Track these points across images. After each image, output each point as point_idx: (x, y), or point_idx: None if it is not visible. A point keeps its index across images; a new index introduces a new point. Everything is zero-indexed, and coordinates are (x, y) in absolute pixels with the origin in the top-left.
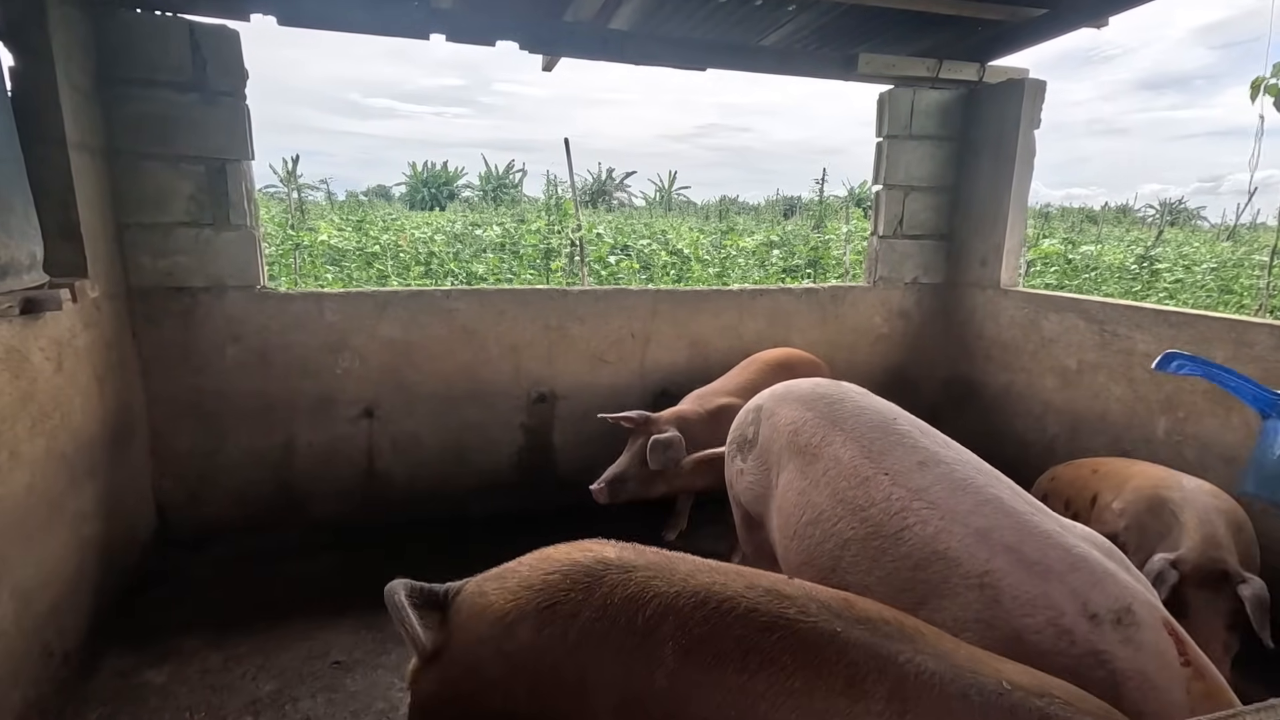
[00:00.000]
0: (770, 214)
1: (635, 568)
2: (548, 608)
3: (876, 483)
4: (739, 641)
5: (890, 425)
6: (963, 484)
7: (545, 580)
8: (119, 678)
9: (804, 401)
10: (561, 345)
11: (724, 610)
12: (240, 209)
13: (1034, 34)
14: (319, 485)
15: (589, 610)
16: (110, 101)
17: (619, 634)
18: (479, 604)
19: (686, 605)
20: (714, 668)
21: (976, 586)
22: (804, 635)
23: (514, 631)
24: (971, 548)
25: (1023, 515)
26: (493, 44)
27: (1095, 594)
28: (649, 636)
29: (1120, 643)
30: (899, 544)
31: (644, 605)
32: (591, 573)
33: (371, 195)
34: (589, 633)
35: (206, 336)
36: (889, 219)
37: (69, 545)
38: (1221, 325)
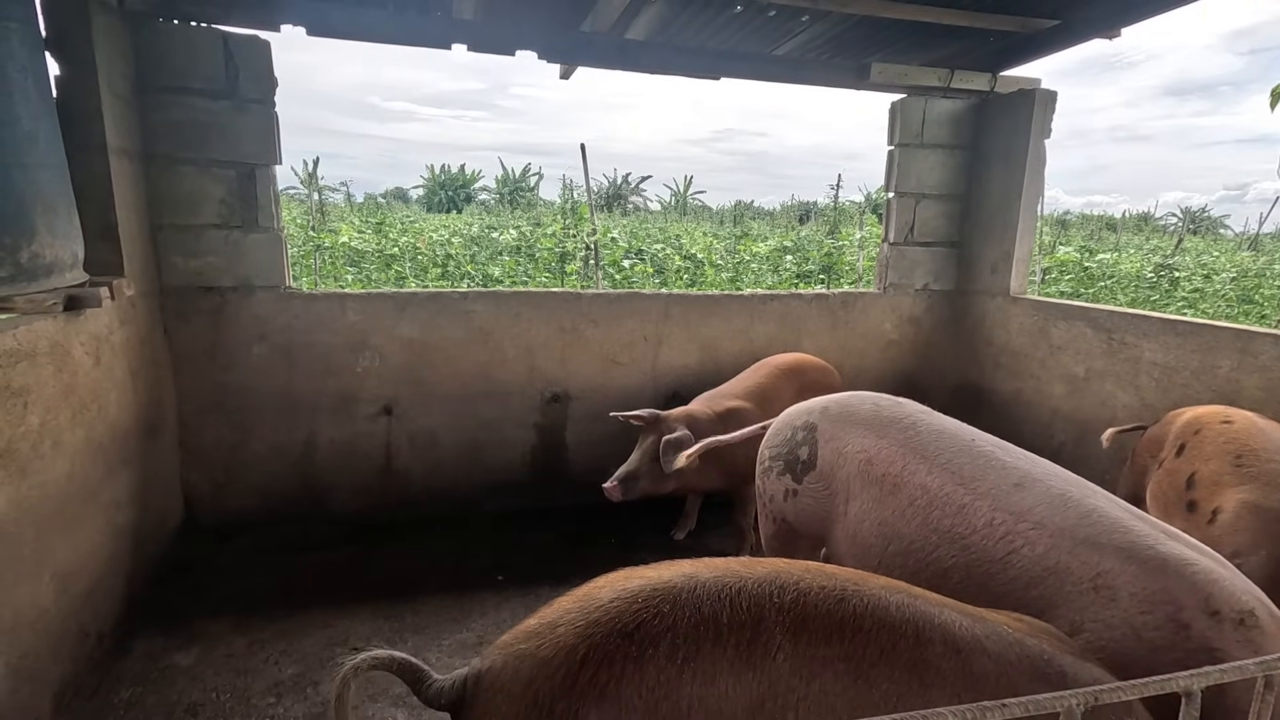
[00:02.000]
0: (785, 219)
1: (698, 575)
2: (635, 628)
3: (975, 509)
4: (831, 611)
5: (973, 447)
6: (1062, 499)
7: (610, 611)
8: (149, 659)
9: (873, 428)
10: (575, 347)
11: (804, 590)
12: (268, 212)
13: (1046, 45)
14: (339, 480)
15: (684, 619)
16: (147, 108)
17: (725, 629)
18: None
19: (774, 590)
20: (821, 640)
21: (1091, 590)
22: (873, 602)
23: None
24: (1082, 556)
25: (1127, 522)
26: (512, 53)
27: (1217, 592)
28: (759, 624)
29: (1238, 643)
30: (1008, 567)
31: (735, 595)
32: (654, 585)
33: (390, 198)
34: (695, 638)
35: (234, 335)
36: (900, 226)
37: (104, 532)
38: (1228, 335)
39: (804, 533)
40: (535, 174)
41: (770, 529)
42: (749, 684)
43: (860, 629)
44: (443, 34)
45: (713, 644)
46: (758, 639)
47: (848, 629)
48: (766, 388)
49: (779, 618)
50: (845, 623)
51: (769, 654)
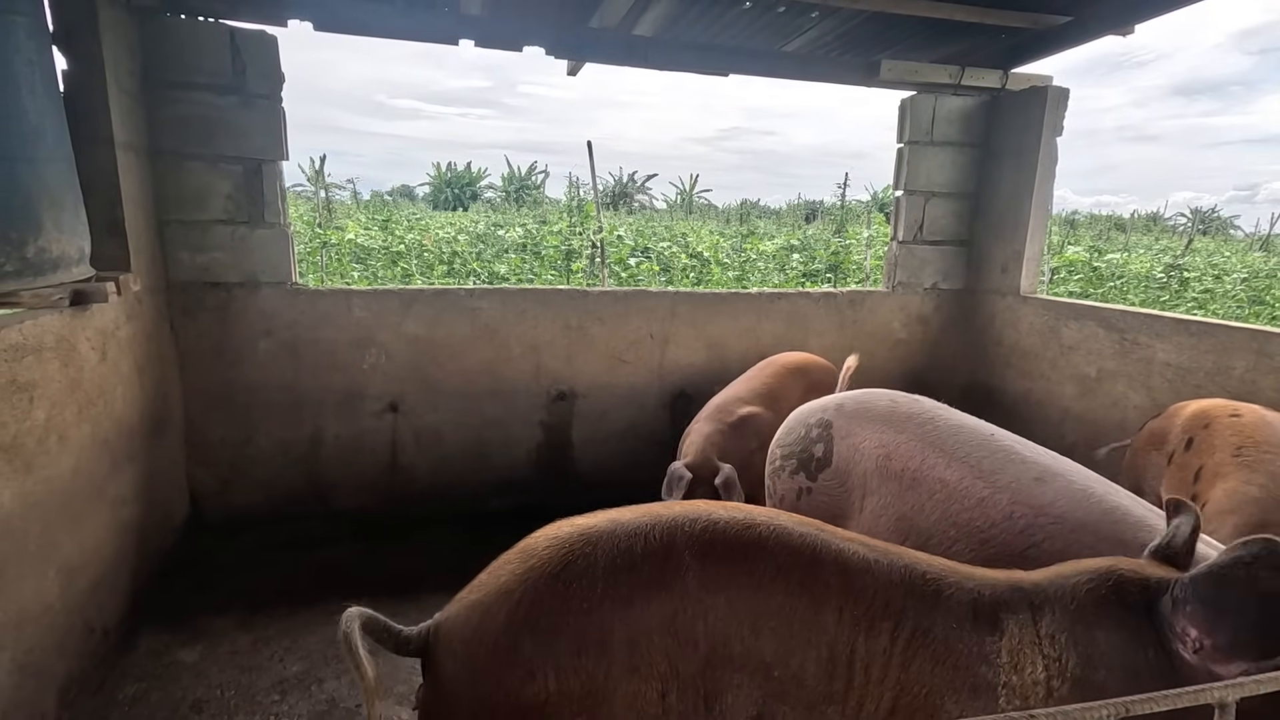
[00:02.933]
0: (792, 218)
1: (619, 518)
2: (561, 569)
3: (994, 502)
4: (738, 539)
5: (992, 441)
6: (1084, 495)
7: (543, 556)
8: (154, 655)
9: (890, 423)
10: (581, 345)
11: (716, 520)
12: (275, 208)
13: (1058, 41)
14: (344, 477)
15: (603, 553)
16: (154, 103)
17: (642, 558)
18: (467, 612)
19: (683, 520)
20: (728, 561)
21: None
22: (779, 530)
23: (538, 601)
24: (1103, 552)
25: (1151, 520)
26: (520, 49)
27: None
28: (669, 550)
29: None
30: (1026, 561)
31: (648, 530)
32: (583, 531)
33: (396, 195)
34: (613, 569)
35: (240, 331)
36: (909, 224)
37: (109, 527)
38: (1243, 335)
39: None
40: (541, 172)
41: None
42: (662, 602)
43: (763, 550)
44: (450, 29)
45: (629, 573)
46: (669, 563)
47: (751, 550)
48: (775, 389)
49: (688, 543)
50: (749, 545)
51: (679, 574)
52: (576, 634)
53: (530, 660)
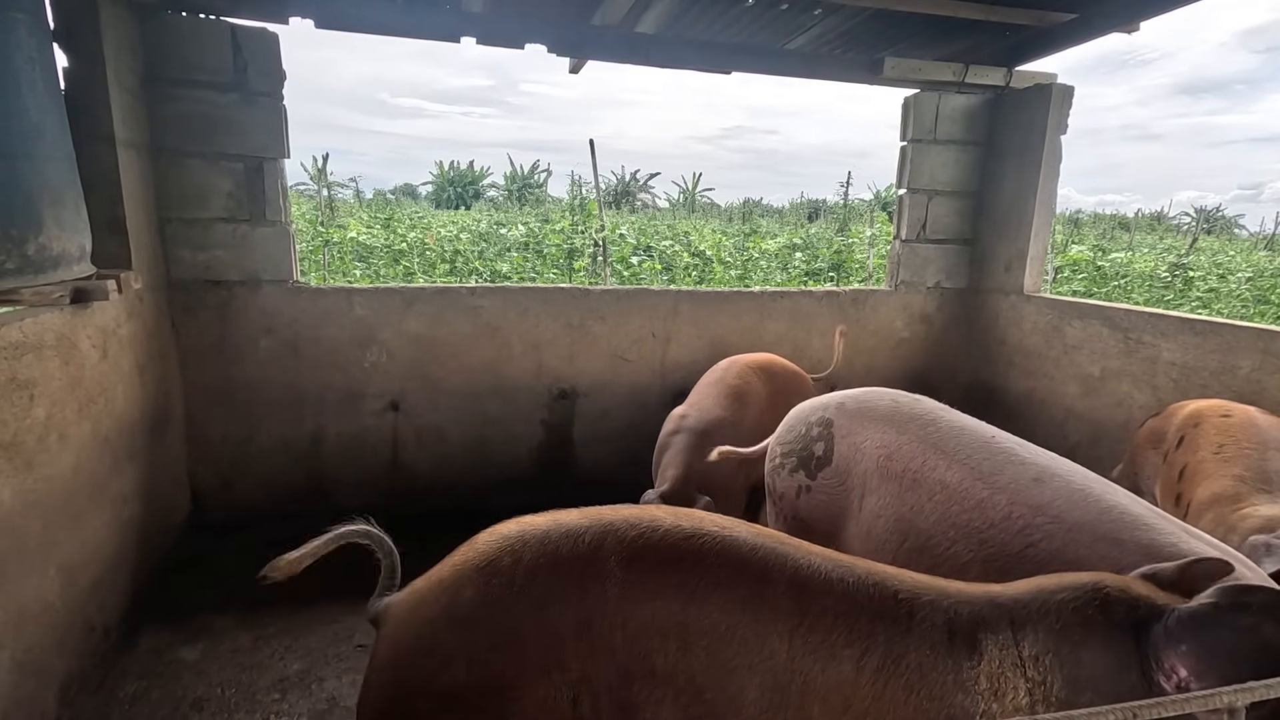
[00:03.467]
0: (794, 217)
1: (560, 519)
2: (488, 563)
3: (993, 503)
4: (672, 548)
5: (992, 443)
6: (1082, 495)
7: (479, 550)
8: (154, 654)
9: (892, 423)
10: (583, 343)
11: (653, 525)
12: (276, 206)
13: (1063, 39)
14: (345, 475)
15: (529, 552)
16: (155, 101)
17: (565, 560)
18: (412, 598)
19: (619, 525)
20: (656, 570)
21: None
22: (725, 541)
23: (460, 593)
24: (1101, 550)
25: (1149, 519)
26: (522, 47)
27: None
28: (595, 554)
29: None
30: (1024, 561)
31: (580, 533)
32: (524, 528)
33: (399, 194)
34: (536, 568)
35: (241, 329)
36: (912, 223)
37: (110, 526)
38: (1249, 334)
39: (817, 530)
40: (544, 171)
41: (781, 529)
42: (578, 607)
43: (700, 561)
44: (452, 27)
45: (549, 574)
46: (591, 568)
47: (687, 560)
48: (742, 390)
49: (616, 549)
50: (685, 555)
51: (600, 581)
52: (490, 628)
53: (447, 649)
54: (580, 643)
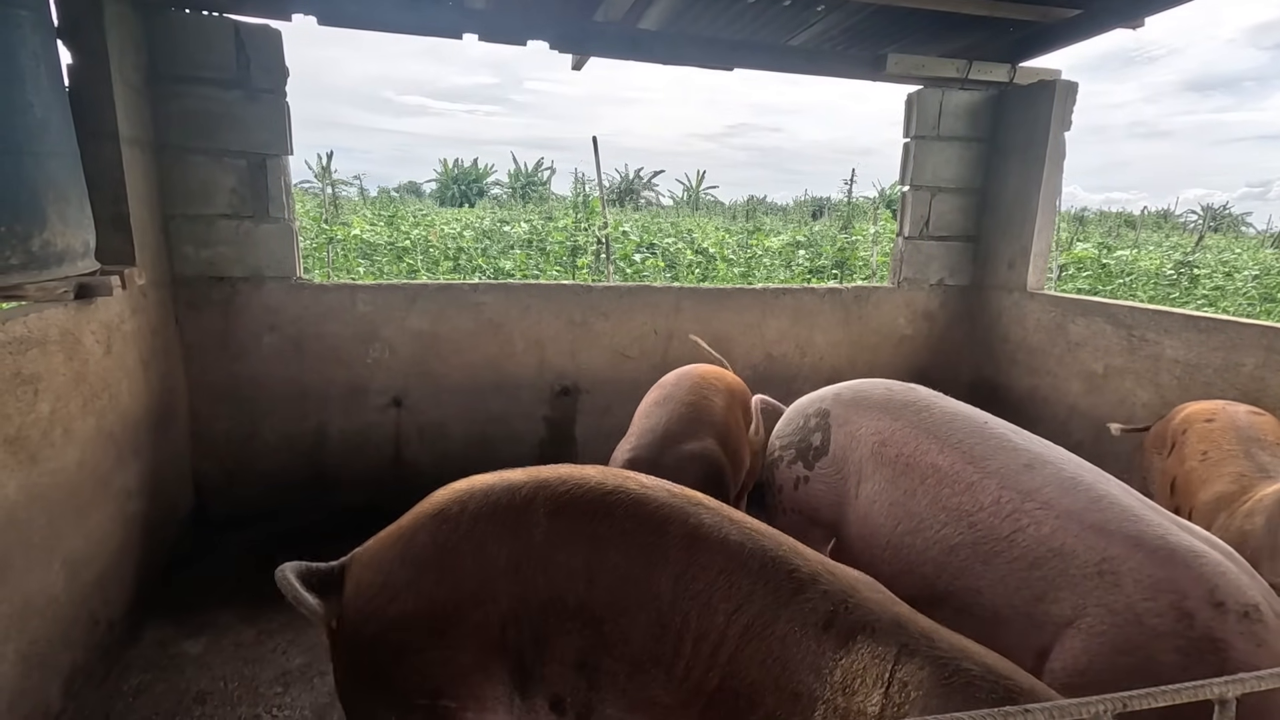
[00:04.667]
0: (799, 214)
1: (507, 475)
2: (439, 511)
3: (983, 487)
4: (590, 501)
5: (985, 429)
6: (1073, 483)
7: (434, 501)
8: (158, 647)
9: (887, 410)
10: (585, 340)
11: (580, 483)
12: (279, 202)
13: (1067, 35)
14: (348, 471)
15: (474, 502)
16: (159, 98)
17: (502, 510)
18: (376, 542)
19: (552, 481)
20: (574, 520)
21: (1095, 574)
22: (636, 497)
23: (415, 537)
24: (1088, 540)
25: (1137, 510)
26: (524, 44)
27: (1223, 584)
28: (526, 506)
29: (1241, 635)
30: (1013, 546)
31: (519, 488)
32: (473, 483)
33: (403, 192)
34: (478, 516)
35: (245, 325)
36: (915, 220)
37: (115, 520)
38: (1253, 332)
39: (816, 520)
40: (548, 168)
41: (780, 521)
42: (511, 549)
43: (610, 513)
44: (454, 23)
45: (488, 520)
46: (523, 517)
47: (600, 511)
48: (699, 405)
49: (546, 501)
50: (600, 507)
51: (529, 528)
52: (437, 565)
53: (398, 584)
54: (510, 580)
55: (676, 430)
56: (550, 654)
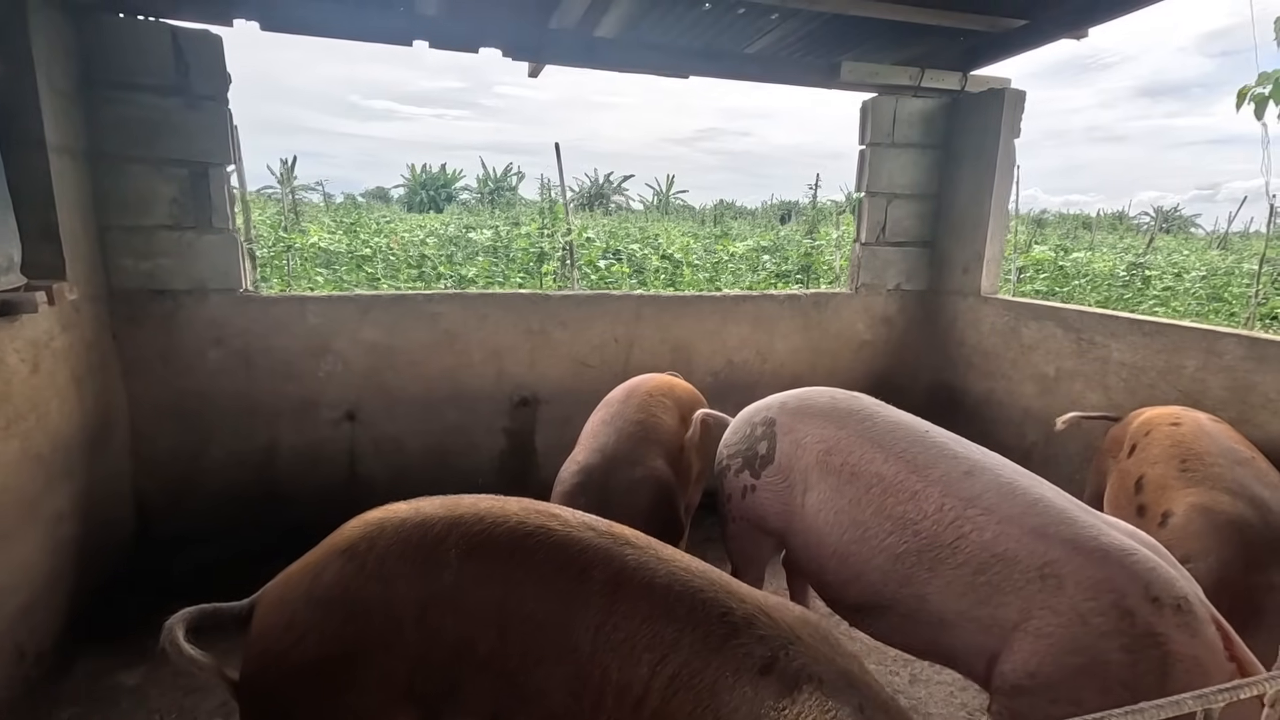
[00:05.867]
0: (767, 218)
1: (422, 508)
2: (348, 547)
3: (927, 495)
4: (507, 542)
5: (926, 438)
6: (1010, 488)
7: (342, 534)
8: (91, 679)
9: (831, 419)
10: (544, 349)
11: (497, 522)
12: (222, 212)
13: (1014, 44)
14: (301, 488)
15: (384, 539)
16: (92, 105)
17: (412, 549)
18: (283, 579)
19: (468, 518)
20: (488, 562)
21: (1038, 579)
22: (558, 539)
23: (321, 575)
24: (1029, 544)
25: (1072, 512)
26: (476, 51)
27: (1155, 580)
28: (437, 545)
29: (1178, 627)
30: (956, 552)
31: (432, 524)
32: (386, 515)
33: (370, 197)
34: (387, 554)
35: (188, 339)
36: (872, 226)
37: (44, 547)
38: (1193, 335)
39: (764, 528)
40: (516, 173)
41: (730, 529)
42: (419, 591)
43: (529, 556)
44: (405, 30)
45: (397, 559)
46: (433, 555)
47: (516, 554)
48: (646, 423)
49: (459, 540)
50: (517, 549)
51: (440, 569)
52: (343, 607)
53: (303, 625)
54: (419, 624)
55: (625, 451)
56: (463, 705)
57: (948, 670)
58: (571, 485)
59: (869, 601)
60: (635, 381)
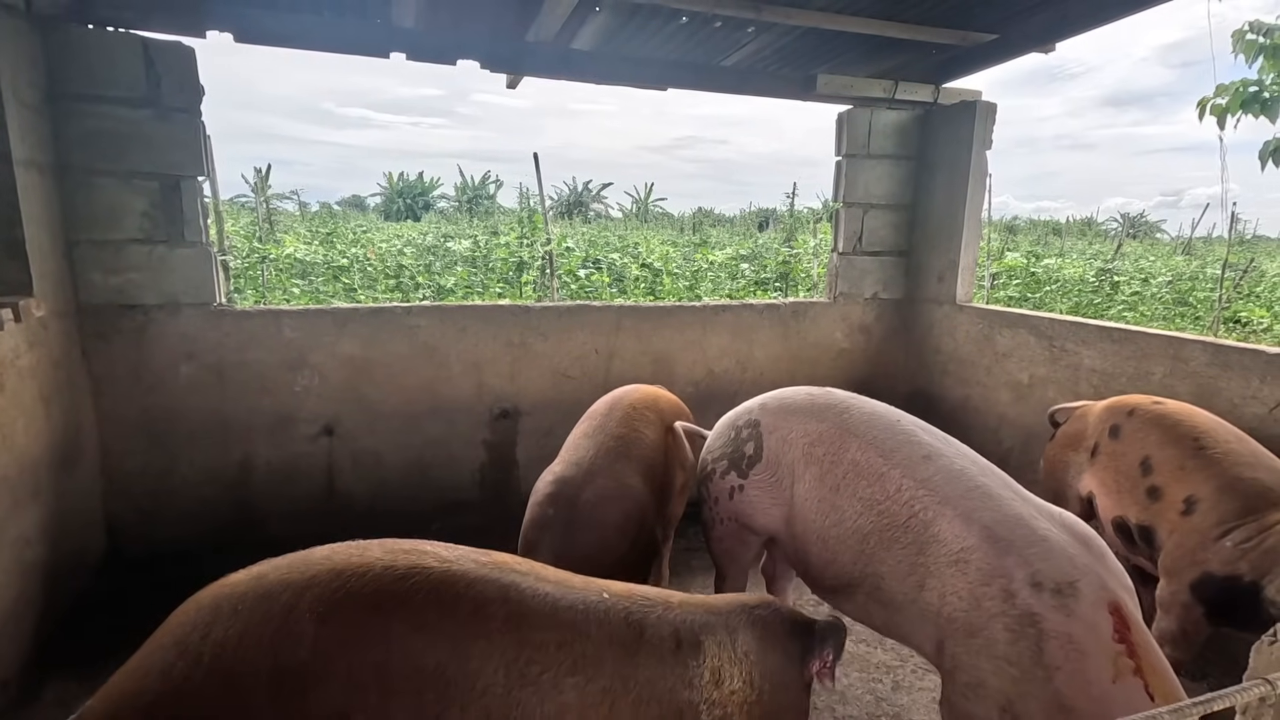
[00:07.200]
0: (745, 226)
1: (266, 575)
2: (178, 642)
3: (890, 477)
4: (375, 593)
5: (896, 425)
6: (958, 474)
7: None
8: (60, 706)
9: (812, 414)
10: (524, 361)
11: (359, 571)
12: (195, 226)
13: (985, 58)
14: (277, 504)
15: (220, 625)
16: (60, 117)
17: (255, 628)
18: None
19: (322, 576)
20: (353, 622)
21: (954, 563)
22: (438, 578)
23: (147, 680)
24: (956, 529)
25: (1004, 500)
26: (454, 63)
27: (1045, 566)
28: (288, 616)
29: (1053, 608)
30: (906, 531)
31: (279, 593)
32: (219, 596)
33: (346, 205)
34: (224, 642)
35: (159, 355)
36: (849, 235)
37: (10, 571)
38: (1160, 341)
39: (752, 526)
40: (494, 181)
41: (717, 531)
42: (268, 674)
43: (406, 604)
44: (381, 42)
45: (236, 645)
46: (284, 628)
47: (390, 605)
48: (627, 438)
49: (313, 605)
50: (390, 600)
51: (294, 642)
52: (177, 715)
53: None
54: (275, 710)
55: (601, 465)
56: None
57: (930, 676)
58: (542, 497)
59: (842, 582)
60: (620, 393)
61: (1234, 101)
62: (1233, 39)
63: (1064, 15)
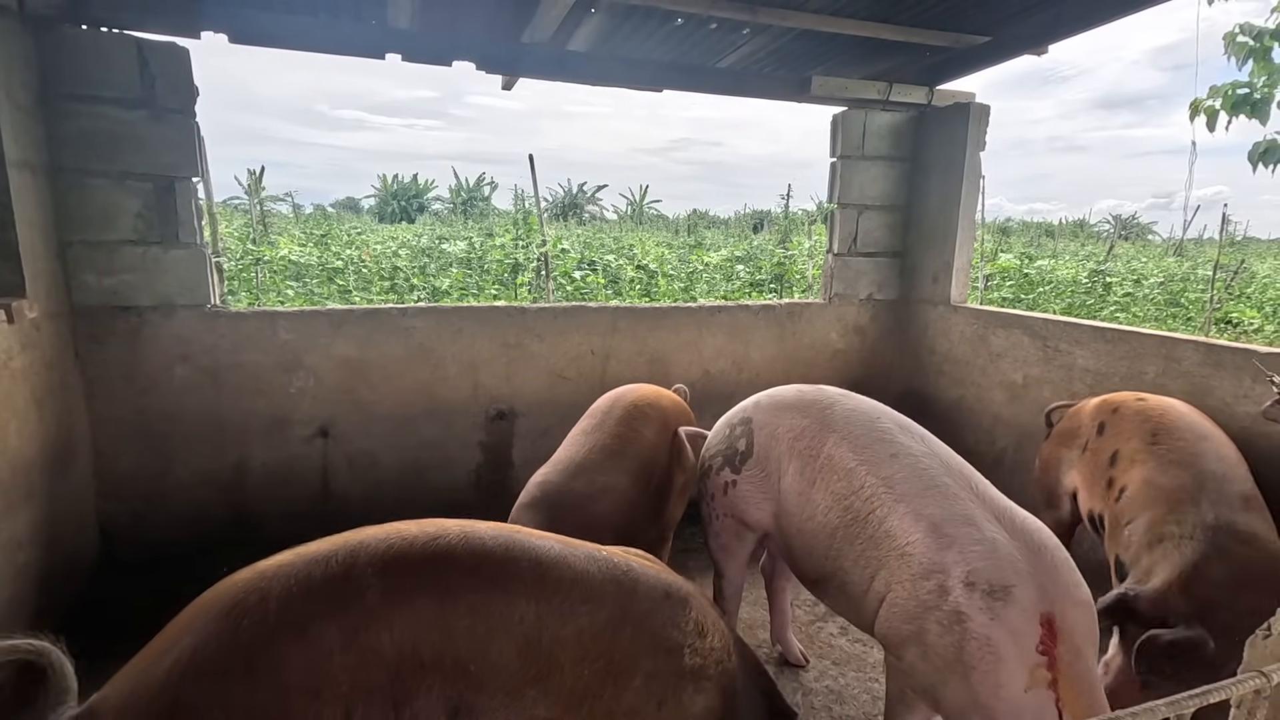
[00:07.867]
0: (740, 227)
1: (303, 550)
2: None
3: (857, 474)
4: (421, 551)
5: (874, 423)
6: (921, 473)
7: (213, 602)
8: None
9: (799, 409)
10: (520, 362)
11: (403, 537)
12: (190, 227)
13: (978, 60)
14: (272, 506)
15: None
16: (53, 118)
17: (319, 582)
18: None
19: (371, 542)
20: (412, 573)
21: (900, 555)
22: (467, 536)
23: (202, 648)
24: (905, 524)
25: (957, 500)
26: (449, 64)
27: (983, 567)
28: (349, 571)
29: (980, 609)
30: (866, 526)
31: (331, 556)
32: (260, 569)
33: (340, 207)
34: (289, 598)
35: (154, 356)
36: (844, 237)
37: (2, 575)
38: (1152, 341)
39: (746, 521)
40: (489, 183)
41: (713, 527)
42: (340, 621)
43: (451, 558)
44: (377, 43)
45: (303, 600)
46: (348, 584)
47: (439, 559)
48: (624, 436)
49: (370, 562)
50: (436, 555)
51: (360, 593)
52: (246, 669)
53: (195, 706)
54: (347, 655)
55: (592, 464)
56: (414, 714)
57: None
58: (524, 500)
59: (817, 574)
60: (620, 391)
61: (1225, 103)
62: (1224, 41)
63: (1056, 18)
